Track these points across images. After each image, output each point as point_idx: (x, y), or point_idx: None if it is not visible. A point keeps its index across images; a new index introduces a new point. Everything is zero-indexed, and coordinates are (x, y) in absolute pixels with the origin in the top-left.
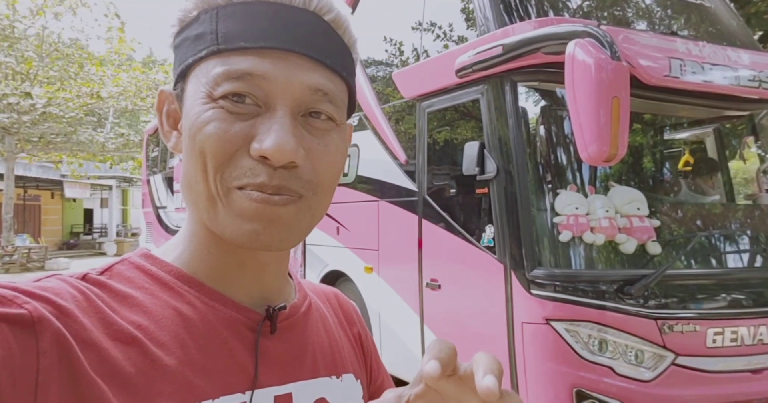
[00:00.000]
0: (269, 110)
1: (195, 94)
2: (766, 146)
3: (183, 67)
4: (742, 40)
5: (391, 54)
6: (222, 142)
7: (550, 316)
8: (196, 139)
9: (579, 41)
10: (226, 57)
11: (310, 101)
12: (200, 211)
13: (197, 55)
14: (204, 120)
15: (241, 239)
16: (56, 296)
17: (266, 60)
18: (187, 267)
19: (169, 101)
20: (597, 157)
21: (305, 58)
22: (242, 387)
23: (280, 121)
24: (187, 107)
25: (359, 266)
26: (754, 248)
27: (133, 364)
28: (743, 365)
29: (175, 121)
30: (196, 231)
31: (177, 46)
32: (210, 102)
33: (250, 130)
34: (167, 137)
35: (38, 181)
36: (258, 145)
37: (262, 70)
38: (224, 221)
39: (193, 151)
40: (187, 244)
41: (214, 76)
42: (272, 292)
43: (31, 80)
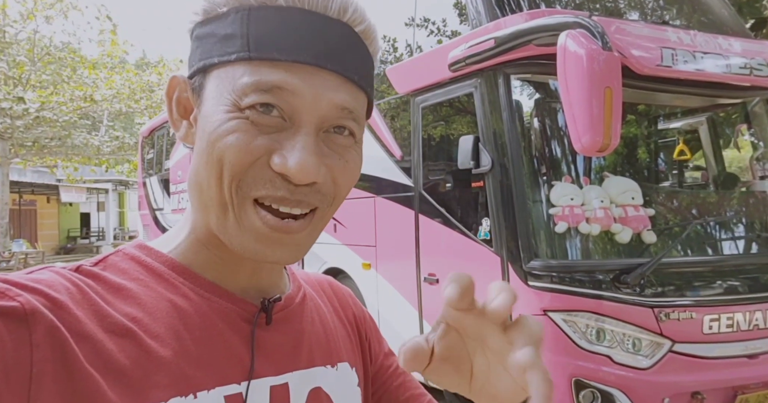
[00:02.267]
0: (294, 126)
1: (218, 99)
2: (759, 134)
3: (207, 63)
4: (734, 28)
5: (384, 51)
6: (243, 154)
7: (547, 307)
8: (216, 146)
9: (570, 32)
10: (256, 67)
11: (335, 118)
12: (209, 215)
13: (224, 56)
14: (226, 129)
15: (247, 254)
16: (49, 288)
17: (296, 75)
18: (184, 258)
19: (181, 89)
20: (590, 148)
21: (335, 75)
22: (238, 378)
23: (303, 140)
24: (207, 108)
25: (357, 263)
26: (748, 234)
27: (128, 356)
28: (739, 351)
29: (185, 110)
30: (197, 227)
31: (199, 38)
32: (235, 111)
33: (273, 143)
34: (176, 125)
35: (33, 186)
36: (281, 162)
37: (293, 86)
38: (232, 232)
39: (210, 157)
40: (185, 237)
41: (242, 86)
42: (268, 284)
43: (24, 85)
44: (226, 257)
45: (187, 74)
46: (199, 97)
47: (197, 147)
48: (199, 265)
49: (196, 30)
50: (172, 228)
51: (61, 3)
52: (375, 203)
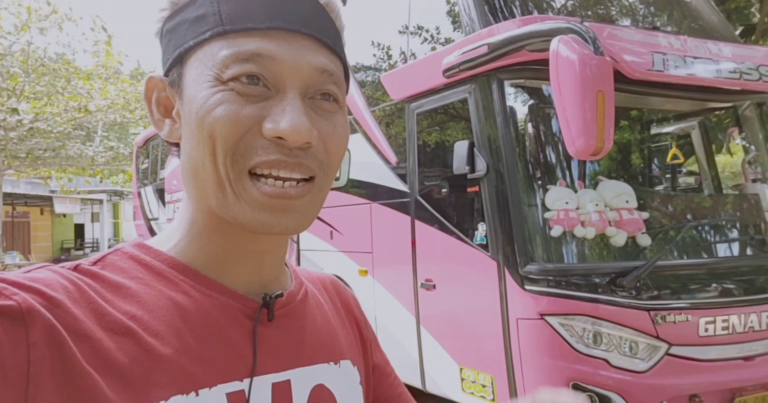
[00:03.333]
0: (279, 92)
1: (200, 78)
2: (750, 137)
3: (181, 51)
4: (723, 34)
5: (379, 58)
6: (233, 124)
7: (544, 311)
8: (205, 122)
9: (563, 37)
10: (232, 39)
11: (318, 83)
12: (208, 197)
13: (199, 37)
14: (213, 103)
15: (254, 227)
16: (46, 287)
17: (273, 41)
18: (184, 256)
19: (159, 89)
20: (584, 152)
21: (310, 39)
22: (240, 375)
23: (292, 103)
24: (190, 92)
25: (354, 270)
26: (742, 237)
27: (127, 354)
28: (735, 353)
29: (166, 109)
30: (197, 219)
31: (170, 30)
32: (219, 85)
33: (262, 111)
34: (159, 126)
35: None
36: (273, 126)
37: (271, 52)
38: (234, 208)
39: (201, 136)
40: (184, 232)
41: (222, 59)
42: (270, 279)
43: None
44: (229, 248)
45: (162, 72)
46: (179, 87)
47: (186, 133)
48: (200, 261)
49: (166, 25)
50: (169, 227)
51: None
52: (371, 210)
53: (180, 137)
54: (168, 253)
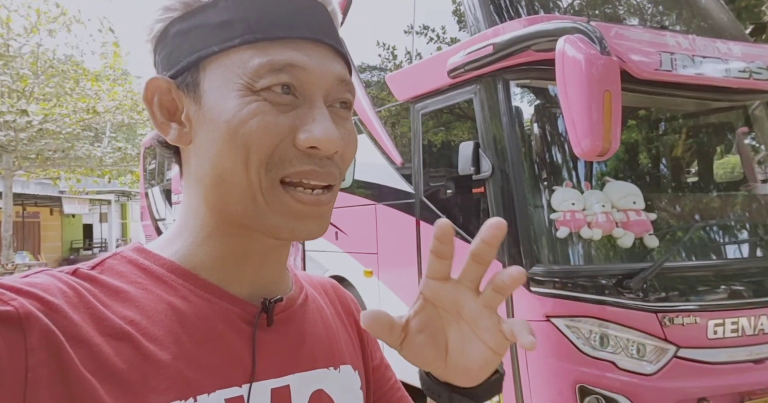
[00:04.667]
0: (306, 101)
1: (227, 86)
2: (759, 137)
3: (201, 55)
4: (733, 33)
5: (384, 58)
6: (270, 136)
7: (550, 313)
8: (240, 132)
9: (569, 37)
10: (262, 47)
11: (338, 91)
12: (233, 204)
13: (226, 43)
14: (248, 113)
15: (283, 234)
16: (44, 291)
17: (302, 51)
18: (186, 261)
19: (161, 91)
20: (590, 152)
21: (329, 49)
22: (239, 380)
23: (321, 112)
24: (213, 99)
25: (359, 271)
26: (752, 238)
27: (125, 360)
28: (745, 356)
29: (170, 112)
30: (208, 222)
31: (183, 33)
32: (250, 94)
33: (294, 121)
34: (163, 129)
35: (37, 198)
36: (307, 136)
37: (302, 62)
38: (264, 216)
39: (234, 144)
40: (188, 236)
41: (254, 68)
42: (271, 283)
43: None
44: (234, 251)
45: (167, 74)
46: (195, 93)
47: (208, 140)
48: (204, 265)
49: (176, 26)
50: (169, 231)
51: (64, 16)
52: (376, 210)
53: (189, 142)
54: (169, 258)
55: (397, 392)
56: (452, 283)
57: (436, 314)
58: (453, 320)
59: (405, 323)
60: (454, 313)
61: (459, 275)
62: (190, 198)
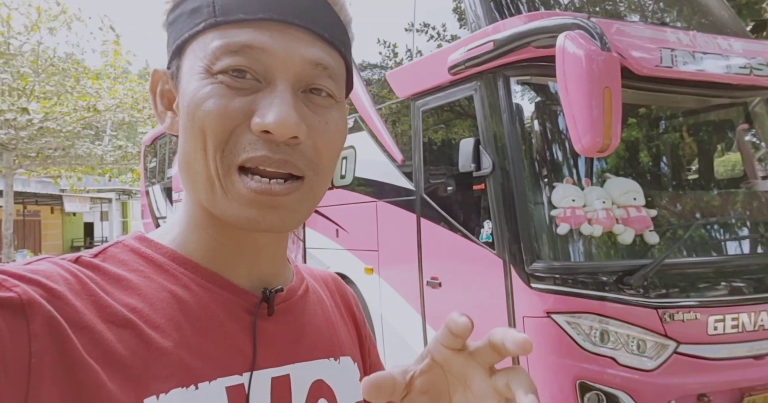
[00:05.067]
0: (269, 85)
1: (192, 70)
2: (760, 134)
3: (179, 43)
4: (734, 29)
5: (385, 56)
6: (222, 119)
7: (550, 309)
8: (196, 116)
9: (569, 33)
10: (224, 30)
11: (311, 76)
12: (198, 191)
13: (194, 28)
14: (203, 96)
15: (240, 223)
16: (47, 278)
17: (265, 32)
18: (184, 249)
19: (162, 81)
20: (591, 148)
21: (304, 31)
22: (240, 369)
23: (281, 96)
24: (183, 84)
25: (360, 268)
26: (752, 234)
27: (128, 346)
28: (745, 352)
29: (169, 102)
30: (194, 213)
31: (171, 23)
32: (208, 77)
33: (251, 105)
34: (161, 118)
35: (37, 197)
36: (260, 120)
37: (261, 43)
38: (222, 204)
39: (192, 130)
40: (183, 226)
41: (212, 50)
42: (270, 274)
43: (28, 96)
44: (226, 242)
45: (166, 65)
46: (178, 79)
47: (181, 125)
48: (201, 254)
49: (169, 17)
50: (170, 219)
51: (64, 14)
52: (377, 208)
53: (178, 130)
54: (169, 246)
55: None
56: (465, 356)
57: (443, 377)
58: (460, 387)
59: (409, 380)
60: (462, 382)
61: (474, 350)
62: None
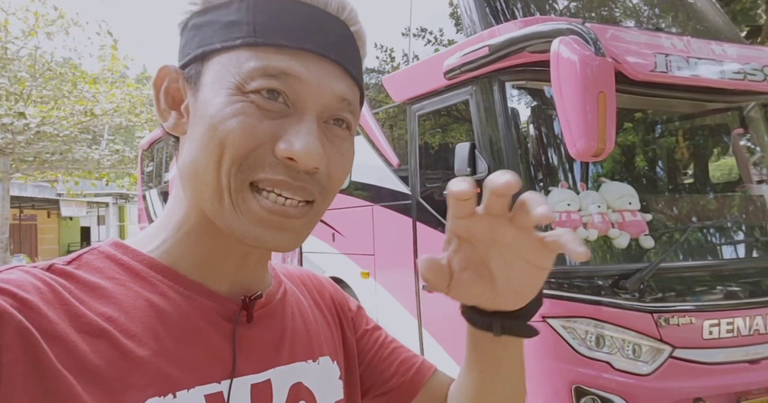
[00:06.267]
0: (297, 113)
1: (220, 83)
2: (755, 138)
3: (206, 50)
4: (728, 35)
5: (382, 61)
6: (248, 138)
7: (546, 313)
8: (219, 129)
9: (563, 39)
10: (262, 52)
11: (335, 109)
12: (204, 201)
13: (228, 42)
14: (231, 112)
15: (246, 240)
16: (18, 288)
17: (302, 62)
18: (167, 256)
19: (171, 79)
20: (585, 153)
21: (335, 66)
22: (218, 376)
23: (308, 126)
24: (206, 94)
25: (356, 272)
26: (747, 238)
27: (102, 357)
28: (740, 356)
29: (174, 100)
30: (189, 218)
31: (198, 26)
32: (238, 94)
33: (278, 129)
34: (164, 116)
35: (34, 201)
36: (287, 147)
37: (298, 72)
38: (229, 219)
39: (212, 141)
40: (171, 232)
41: (248, 70)
42: (252, 279)
43: (25, 100)
44: (215, 249)
45: (178, 64)
46: (195, 85)
47: (193, 133)
48: (185, 262)
49: (193, 19)
50: (153, 225)
51: (62, 19)
52: (373, 212)
53: (184, 132)
54: (150, 254)
55: (390, 345)
56: (479, 216)
57: (473, 249)
58: (491, 248)
59: (447, 265)
60: (491, 241)
61: (483, 207)
62: (177, 190)
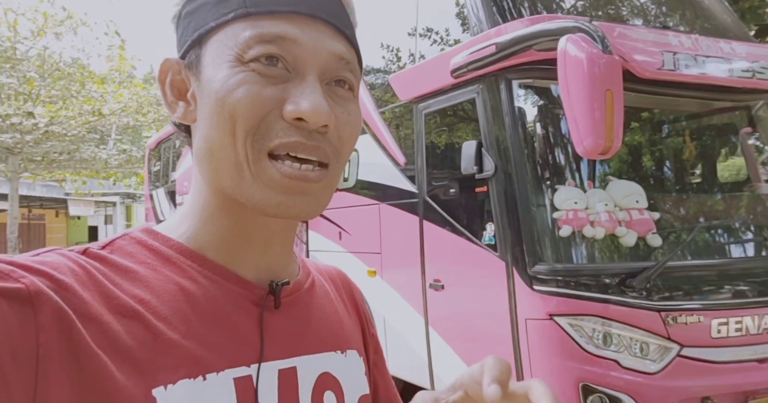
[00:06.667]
0: (299, 75)
1: (220, 59)
2: (763, 137)
3: (201, 32)
4: (736, 33)
5: (388, 60)
6: (255, 106)
7: (553, 311)
8: (226, 102)
9: (571, 36)
10: (255, 20)
11: (335, 69)
12: (223, 178)
13: (221, 18)
14: (235, 83)
15: (269, 209)
16: (55, 270)
17: (296, 25)
18: (193, 241)
19: (174, 71)
20: (593, 151)
21: (329, 26)
22: (247, 360)
23: (312, 85)
24: (209, 73)
25: (362, 270)
26: (755, 237)
27: (135, 338)
28: (749, 355)
29: (180, 92)
30: (210, 201)
31: (190, 13)
32: (239, 65)
33: (282, 93)
34: (172, 108)
35: (42, 200)
36: (294, 108)
37: (293, 35)
38: (251, 190)
39: (221, 116)
40: (196, 216)
41: (244, 40)
42: (278, 266)
43: (34, 100)
44: (239, 231)
45: (178, 55)
46: (197, 69)
47: (203, 113)
48: (211, 246)
49: (185, 8)
50: (178, 211)
51: (70, 20)
52: (379, 210)
53: (194, 120)
54: (178, 239)
55: (392, 389)
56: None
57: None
58: None
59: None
60: None
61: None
62: (196, 178)
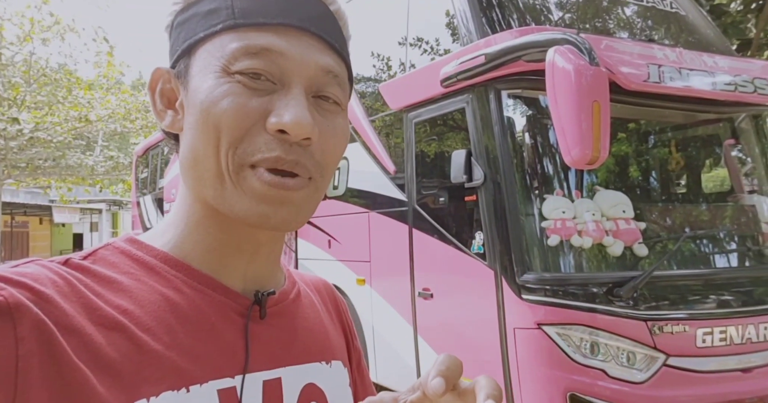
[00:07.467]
0: (284, 87)
1: (207, 69)
2: (746, 149)
3: (191, 42)
4: (719, 47)
5: (378, 69)
6: (239, 117)
7: (541, 320)
8: (211, 112)
9: (559, 48)
10: (243, 32)
11: (322, 83)
12: (206, 188)
13: (210, 29)
14: (220, 94)
15: (251, 219)
16: (35, 281)
17: (283, 37)
18: (179, 251)
19: (164, 80)
20: (580, 161)
21: (318, 39)
22: (231, 371)
23: (296, 98)
24: (196, 82)
25: (351, 279)
26: (740, 248)
27: (118, 349)
28: (734, 365)
29: (169, 101)
30: (195, 210)
31: (181, 23)
32: (225, 76)
33: (267, 105)
34: (161, 116)
35: (26, 207)
36: (276, 120)
37: (280, 47)
38: (232, 199)
39: (206, 126)
40: (180, 226)
41: (231, 51)
42: (263, 277)
43: (19, 106)
44: (225, 241)
45: (169, 65)
46: (185, 79)
47: (189, 123)
48: (197, 255)
49: (178, 18)
50: (164, 220)
51: (58, 25)
52: (369, 218)
53: (181, 128)
54: (162, 248)
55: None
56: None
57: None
58: None
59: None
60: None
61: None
62: (181, 186)
